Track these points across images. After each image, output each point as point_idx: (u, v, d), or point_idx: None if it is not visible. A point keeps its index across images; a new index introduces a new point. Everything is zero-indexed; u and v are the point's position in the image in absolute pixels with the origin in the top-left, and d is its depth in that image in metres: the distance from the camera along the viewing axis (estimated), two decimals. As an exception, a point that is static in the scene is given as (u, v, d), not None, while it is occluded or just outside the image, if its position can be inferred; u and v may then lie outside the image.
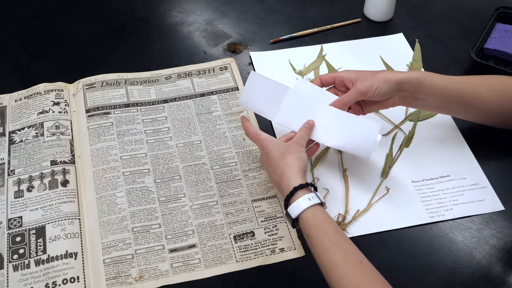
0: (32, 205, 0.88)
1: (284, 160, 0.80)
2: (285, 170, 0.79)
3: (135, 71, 1.09)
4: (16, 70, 1.10)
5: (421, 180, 0.93)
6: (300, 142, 0.84)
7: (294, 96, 0.89)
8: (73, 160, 0.94)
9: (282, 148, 0.82)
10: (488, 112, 0.91)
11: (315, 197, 0.77)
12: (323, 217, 0.75)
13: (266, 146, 0.83)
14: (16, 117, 1.00)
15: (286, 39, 1.17)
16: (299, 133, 0.86)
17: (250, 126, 0.87)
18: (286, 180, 0.78)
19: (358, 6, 1.24)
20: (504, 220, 0.88)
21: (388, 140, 0.99)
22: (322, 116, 0.87)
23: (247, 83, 0.91)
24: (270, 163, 0.82)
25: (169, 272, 0.82)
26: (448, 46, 1.15)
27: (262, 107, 0.91)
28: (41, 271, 0.80)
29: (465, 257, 0.84)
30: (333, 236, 0.73)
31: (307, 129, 0.86)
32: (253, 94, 0.90)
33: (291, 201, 0.77)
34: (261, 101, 0.90)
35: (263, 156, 0.85)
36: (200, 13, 1.23)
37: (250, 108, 0.97)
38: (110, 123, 1.00)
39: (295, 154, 0.81)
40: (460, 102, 0.90)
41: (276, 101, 0.89)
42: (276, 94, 0.89)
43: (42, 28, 1.19)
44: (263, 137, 0.84)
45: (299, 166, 0.80)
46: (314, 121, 0.87)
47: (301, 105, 0.88)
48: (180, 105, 1.04)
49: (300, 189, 0.77)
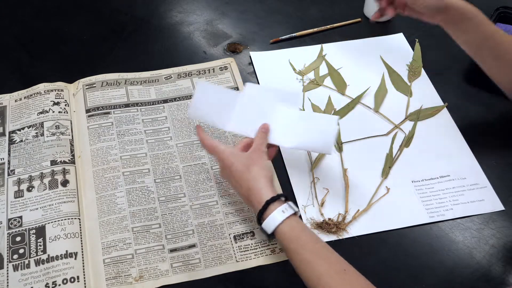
0: (32, 205, 0.88)
1: (249, 172, 0.77)
2: (252, 183, 0.76)
3: (135, 71, 1.09)
4: (16, 70, 1.10)
5: (421, 180, 0.93)
6: (261, 149, 0.81)
7: (246, 101, 0.86)
8: (73, 160, 0.94)
9: (244, 159, 0.79)
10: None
11: (289, 208, 0.74)
12: (300, 227, 0.74)
13: (227, 158, 0.80)
14: (16, 117, 1.00)
15: (286, 39, 1.18)
16: (257, 139, 0.82)
17: (206, 137, 0.84)
18: (256, 194, 0.76)
19: (358, 6, 1.24)
20: (504, 220, 0.88)
21: (388, 140, 0.99)
22: (277, 118, 0.85)
23: (195, 93, 0.87)
24: (235, 176, 0.79)
25: (169, 272, 0.82)
26: (448, 46, 1.15)
27: (214, 117, 0.86)
28: (41, 271, 0.80)
29: (465, 257, 0.84)
30: (313, 246, 0.72)
31: (264, 133, 0.83)
32: (202, 104, 0.86)
33: (265, 216, 0.74)
34: (211, 110, 0.86)
35: (225, 170, 0.81)
36: (200, 13, 1.24)
37: (200, 119, 0.91)
38: (110, 123, 1.00)
39: (260, 164, 0.78)
40: (496, 55, 0.90)
41: (228, 109, 0.86)
42: (226, 101, 0.86)
43: (42, 28, 1.19)
44: (222, 149, 0.81)
45: (266, 176, 0.77)
46: (270, 124, 0.84)
47: (254, 109, 0.85)
48: (180, 105, 1.04)
49: (272, 202, 0.74)
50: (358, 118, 1.03)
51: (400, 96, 1.07)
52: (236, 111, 0.86)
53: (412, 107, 1.04)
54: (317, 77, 1.10)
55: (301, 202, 0.90)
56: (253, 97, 0.86)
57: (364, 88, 1.07)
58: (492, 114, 1.03)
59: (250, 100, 0.86)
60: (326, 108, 1.03)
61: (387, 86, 1.08)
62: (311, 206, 0.89)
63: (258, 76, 1.09)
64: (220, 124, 0.87)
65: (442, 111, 1.04)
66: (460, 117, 1.02)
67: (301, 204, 0.89)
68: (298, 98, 0.85)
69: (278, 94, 0.87)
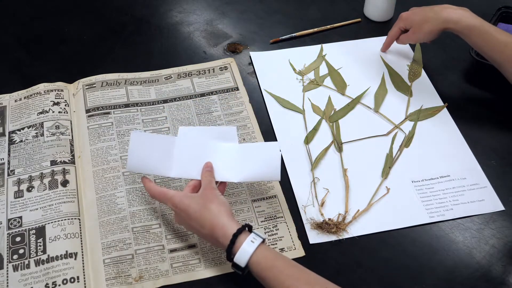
0: (32, 205, 0.88)
1: (209, 211, 0.75)
2: (214, 220, 0.75)
3: (135, 71, 1.09)
4: (16, 70, 1.10)
5: (421, 180, 0.93)
6: (211, 186, 0.79)
7: (183, 144, 0.85)
8: (73, 160, 0.94)
9: (199, 199, 0.77)
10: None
11: (257, 236, 0.73)
12: (273, 254, 0.73)
13: (180, 202, 0.78)
14: (16, 117, 1.00)
15: (286, 39, 1.18)
16: (204, 178, 0.81)
17: (153, 186, 0.82)
18: (221, 230, 0.74)
19: (358, 6, 1.24)
20: (504, 220, 0.88)
21: (388, 140, 0.99)
22: (219, 155, 0.84)
23: (130, 146, 0.84)
24: (193, 218, 0.76)
25: (169, 272, 0.82)
26: (448, 46, 1.15)
27: (154, 165, 0.84)
28: (41, 271, 0.80)
29: (465, 257, 0.84)
30: (290, 270, 0.71)
31: (209, 171, 0.82)
32: (140, 155, 0.84)
33: (235, 250, 0.72)
34: (151, 160, 0.84)
35: (180, 214, 0.79)
36: (200, 13, 1.24)
37: (141, 171, 0.86)
38: (110, 123, 1.00)
39: (215, 201, 0.77)
40: (499, 65, 0.96)
41: (167, 155, 0.84)
42: (164, 148, 0.84)
43: (42, 28, 1.19)
44: (173, 194, 0.79)
45: (226, 210, 0.76)
46: (213, 162, 0.83)
47: (193, 151, 0.84)
48: (180, 105, 1.04)
49: (239, 234, 0.73)
50: (358, 118, 1.03)
51: (400, 96, 1.07)
52: (176, 156, 0.84)
53: (412, 107, 1.04)
54: (317, 77, 1.10)
55: (301, 202, 0.90)
56: (190, 138, 0.86)
57: (364, 88, 1.07)
58: (492, 114, 1.03)
59: (187, 143, 0.85)
60: (326, 108, 1.04)
61: (387, 86, 1.08)
62: (311, 206, 0.89)
63: (258, 76, 1.09)
64: (163, 172, 0.85)
65: (442, 111, 1.04)
66: (460, 117, 1.02)
67: (301, 204, 0.89)
68: (234, 133, 0.86)
69: (213, 132, 0.87)
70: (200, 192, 0.79)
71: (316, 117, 1.02)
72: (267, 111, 1.03)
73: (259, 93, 1.07)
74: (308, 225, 0.87)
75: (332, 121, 1.02)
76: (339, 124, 1.01)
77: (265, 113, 1.03)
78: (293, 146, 0.97)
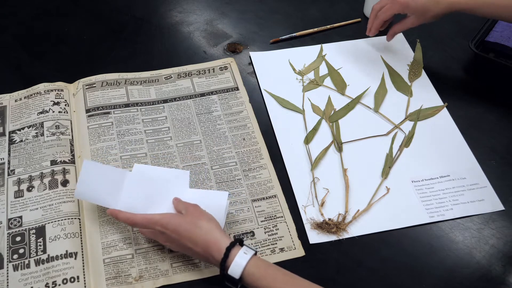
0: (32, 205, 0.88)
1: (200, 228, 0.76)
2: (207, 236, 0.75)
3: (135, 71, 1.09)
4: (16, 70, 1.10)
5: (421, 180, 0.93)
6: (193, 204, 0.80)
7: (135, 180, 0.85)
8: (73, 160, 0.94)
9: (187, 218, 0.77)
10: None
11: (248, 249, 0.74)
12: (265, 264, 0.74)
13: (169, 222, 0.77)
14: (16, 117, 1.00)
15: (286, 39, 1.18)
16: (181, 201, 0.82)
17: (133, 214, 0.80)
18: (214, 245, 0.74)
19: (358, 6, 1.24)
20: (504, 220, 0.88)
21: (388, 140, 0.99)
22: (169, 196, 0.84)
23: (81, 173, 0.84)
24: (184, 237, 0.76)
25: (169, 272, 0.82)
26: (448, 45, 1.15)
27: (102, 196, 0.84)
28: (41, 271, 0.80)
29: (465, 257, 0.84)
30: (283, 278, 0.72)
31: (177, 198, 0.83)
32: (90, 184, 0.84)
33: (228, 263, 0.73)
34: (100, 190, 0.84)
35: (170, 235, 0.77)
36: (200, 13, 1.24)
37: (88, 199, 0.86)
38: (110, 123, 1.00)
39: (204, 218, 0.77)
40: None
41: (116, 188, 0.84)
42: (115, 180, 0.85)
43: (42, 28, 1.19)
44: (159, 217, 0.78)
45: (216, 226, 0.76)
46: (161, 203, 0.83)
47: (144, 188, 0.85)
48: (180, 105, 1.04)
49: (232, 247, 0.73)
50: (358, 118, 1.03)
51: (400, 96, 1.07)
52: (125, 190, 0.84)
53: (412, 107, 1.04)
54: (317, 77, 1.10)
55: (301, 202, 0.90)
56: (142, 176, 0.87)
57: (364, 88, 1.07)
58: (492, 114, 1.03)
59: (139, 180, 0.86)
60: (326, 108, 1.04)
61: (387, 86, 1.08)
62: (311, 206, 0.89)
63: (258, 76, 1.09)
64: (109, 203, 0.84)
65: (442, 111, 1.04)
66: (460, 117, 1.02)
67: (301, 204, 0.89)
68: (186, 177, 0.87)
69: (167, 173, 0.88)
70: (185, 212, 0.79)
71: (316, 117, 1.02)
72: (267, 111, 1.03)
73: (259, 93, 1.07)
74: (308, 225, 0.87)
75: (332, 121, 1.02)
76: (339, 124, 1.01)
77: (265, 113, 1.03)
78: (293, 146, 0.97)
